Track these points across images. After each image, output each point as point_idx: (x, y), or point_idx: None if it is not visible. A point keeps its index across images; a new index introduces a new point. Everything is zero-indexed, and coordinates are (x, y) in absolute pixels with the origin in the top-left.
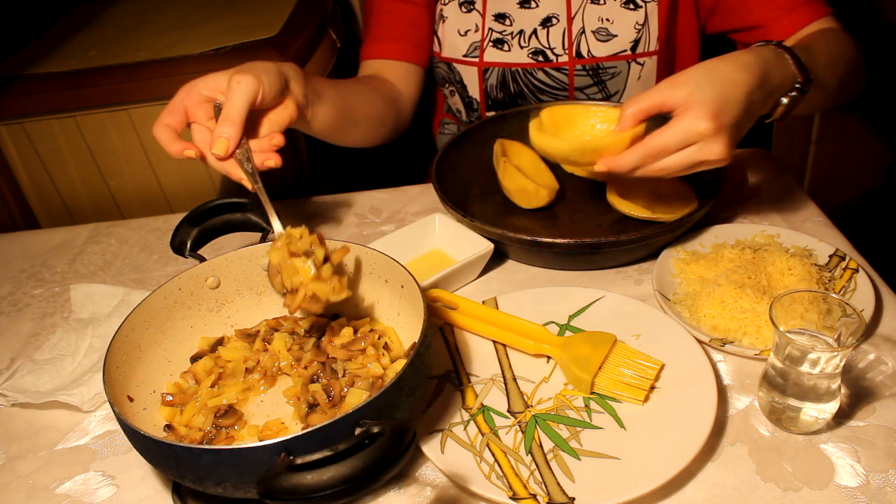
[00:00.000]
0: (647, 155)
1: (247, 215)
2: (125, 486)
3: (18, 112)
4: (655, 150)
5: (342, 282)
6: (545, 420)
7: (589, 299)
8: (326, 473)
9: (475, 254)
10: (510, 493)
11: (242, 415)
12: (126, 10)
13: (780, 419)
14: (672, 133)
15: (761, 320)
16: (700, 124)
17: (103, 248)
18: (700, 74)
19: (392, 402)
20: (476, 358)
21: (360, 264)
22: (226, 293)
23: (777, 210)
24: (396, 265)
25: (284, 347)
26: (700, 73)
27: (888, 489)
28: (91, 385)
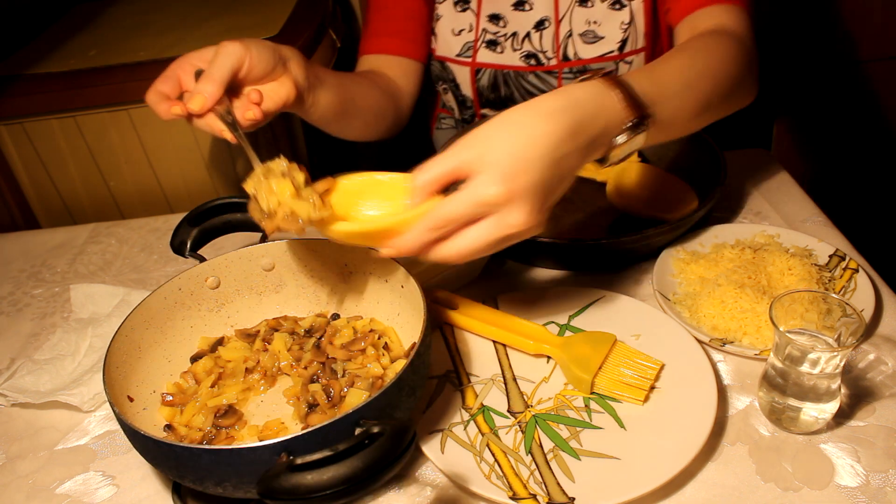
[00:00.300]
0: (434, 229)
1: (247, 215)
2: (125, 486)
3: (18, 112)
4: (442, 222)
5: (325, 200)
6: (545, 420)
7: (589, 299)
8: (326, 473)
9: None
10: (510, 493)
11: (242, 415)
12: (126, 10)
13: (780, 419)
14: (458, 201)
15: (761, 320)
16: (489, 190)
17: (103, 248)
18: (492, 130)
19: (392, 402)
20: (476, 358)
21: (359, 264)
22: (226, 293)
23: (777, 210)
24: (396, 265)
25: (284, 347)
26: (493, 128)
27: (888, 489)
28: (91, 385)
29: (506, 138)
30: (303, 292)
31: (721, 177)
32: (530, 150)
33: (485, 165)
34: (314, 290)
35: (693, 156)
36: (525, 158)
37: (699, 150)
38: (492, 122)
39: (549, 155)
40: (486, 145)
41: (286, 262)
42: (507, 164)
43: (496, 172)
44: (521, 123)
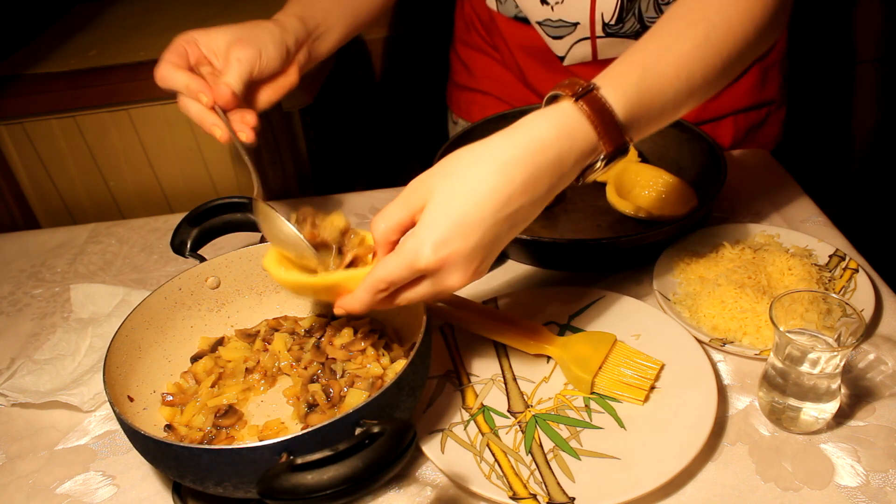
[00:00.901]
0: (377, 291)
1: (247, 215)
2: (125, 486)
3: (18, 112)
4: (383, 285)
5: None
6: (545, 420)
7: (589, 299)
8: (326, 473)
9: None
10: (510, 493)
11: (242, 415)
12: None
13: (780, 419)
14: (395, 263)
15: (761, 320)
16: (422, 256)
17: (103, 248)
18: (437, 182)
19: (392, 402)
20: (476, 358)
21: None
22: (226, 293)
23: (777, 210)
24: None
25: (284, 347)
26: (438, 179)
27: (888, 489)
28: (91, 385)
29: (448, 194)
30: None
31: (721, 177)
32: (472, 212)
33: (420, 224)
34: None
35: (693, 156)
36: (464, 223)
37: (699, 150)
38: (442, 167)
39: (494, 215)
40: (429, 196)
41: None
42: (444, 226)
43: (430, 236)
44: (470, 177)
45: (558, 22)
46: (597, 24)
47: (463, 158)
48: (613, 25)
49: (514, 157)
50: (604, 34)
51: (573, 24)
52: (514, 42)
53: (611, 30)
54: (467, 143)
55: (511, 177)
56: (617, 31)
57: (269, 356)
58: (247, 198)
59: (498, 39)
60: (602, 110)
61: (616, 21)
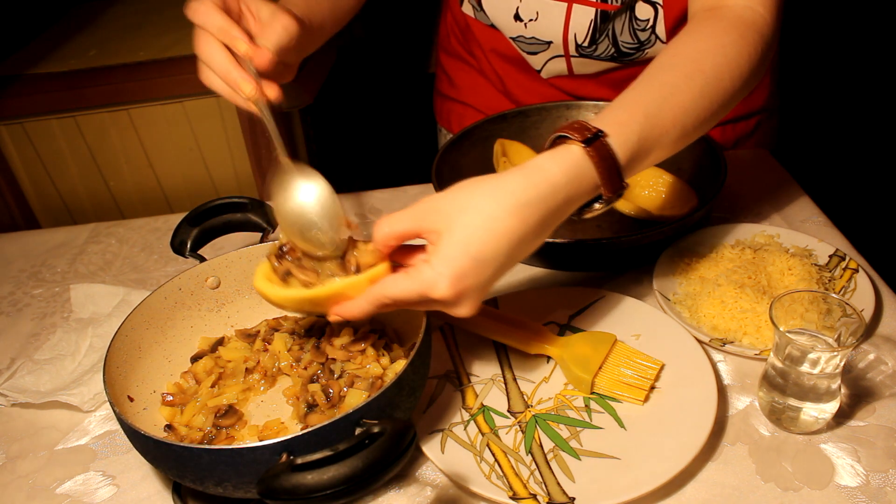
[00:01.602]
0: (381, 306)
1: (247, 215)
2: (125, 486)
3: (18, 112)
4: (390, 302)
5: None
6: (545, 420)
7: (589, 299)
8: (327, 473)
9: None
10: (510, 493)
11: (242, 415)
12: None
13: (780, 419)
14: (407, 288)
15: (761, 320)
16: (438, 288)
17: (103, 248)
18: (457, 215)
19: (392, 402)
20: (476, 358)
21: None
22: (226, 293)
23: (777, 210)
24: None
25: (284, 348)
26: (457, 211)
27: (888, 489)
28: (91, 385)
29: (466, 228)
30: None
31: (721, 177)
32: (490, 250)
33: (438, 255)
34: None
35: (693, 156)
36: (480, 261)
37: (699, 150)
38: (457, 198)
39: (507, 252)
40: (446, 226)
41: None
42: (462, 263)
43: (449, 271)
44: (489, 215)
45: (532, 39)
46: (570, 45)
47: (482, 194)
48: (586, 47)
49: (529, 200)
50: (577, 54)
51: (546, 42)
52: (490, 48)
53: (584, 51)
54: (467, 143)
55: (526, 218)
56: (590, 52)
57: (269, 356)
58: (247, 198)
59: (475, 46)
60: (607, 158)
61: (589, 43)
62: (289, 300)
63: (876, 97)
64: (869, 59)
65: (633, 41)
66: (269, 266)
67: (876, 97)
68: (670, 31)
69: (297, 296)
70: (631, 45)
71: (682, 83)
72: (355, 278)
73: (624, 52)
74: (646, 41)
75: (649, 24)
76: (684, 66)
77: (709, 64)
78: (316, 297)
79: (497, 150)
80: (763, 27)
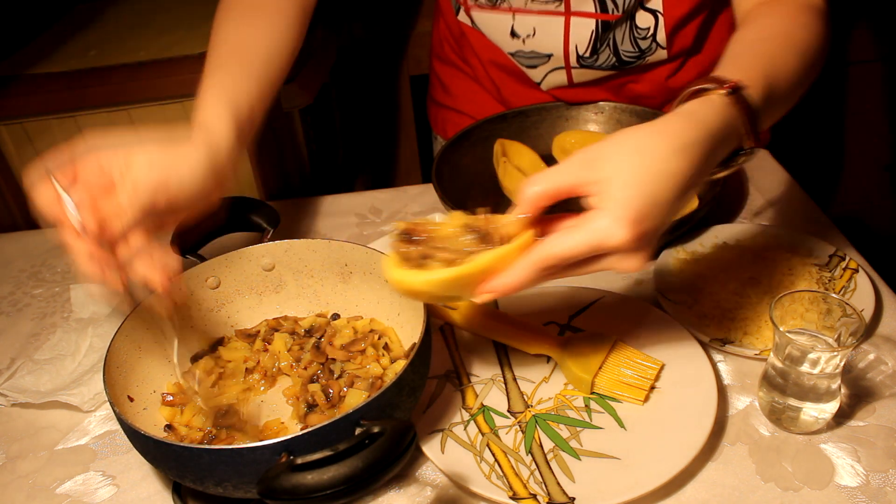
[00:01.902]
0: (546, 268)
1: (247, 215)
2: (125, 486)
3: (18, 112)
4: (556, 261)
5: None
6: (545, 420)
7: (589, 299)
8: (327, 473)
9: None
10: (510, 493)
11: (243, 415)
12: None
13: (780, 419)
14: (579, 241)
15: (761, 320)
16: (616, 235)
17: None
18: (625, 157)
19: (392, 402)
20: (476, 358)
21: (359, 264)
22: (226, 293)
23: (777, 210)
24: None
25: (284, 348)
26: (625, 154)
27: (888, 489)
28: (91, 385)
29: (639, 170)
30: (303, 292)
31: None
32: (664, 190)
33: (612, 200)
34: (314, 290)
35: None
36: (657, 202)
37: None
38: (621, 144)
39: (680, 196)
40: (615, 171)
41: (286, 262)
42: (638, 205)
43: (626, 214)
44: (657, 156)
45: (531, 53)
46: (571, 56)
47: (644, 136)
48: (588, 58)
49: (694, 140)
50: (578, 65)
51: (547, 55)
52: (487, 58)
53: (585, 62)
54: (467, 143)
55: (693, 158)
56: (591, 63)
57: (269, 356)
58: (247, 198)
59: (469, 54)
60: (748, 108)
61: (590, 53)
62: (435, 283)
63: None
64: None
65: (634, 50)
66: (397, 256)
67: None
68: (670, 37)
69: (444, 277)
70: (632, 53)
71: (782, 52)
72: (505, 248)
73: (625, 60)
74: (646, 49)
75: (650, 33)
76: (779, 38)
77: (798, 37)
78: (464, 275)
79: (497, 150)
80: (823, 10)
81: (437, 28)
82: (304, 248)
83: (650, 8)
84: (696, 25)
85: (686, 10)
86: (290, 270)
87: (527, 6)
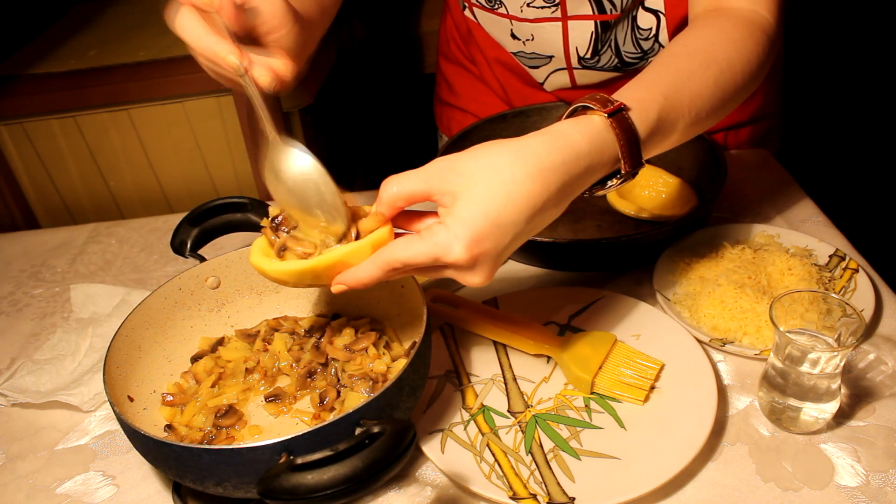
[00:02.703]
0: (391, 270)
1: (247, 215)
2: (125, 486)
3: (18, 112)
4: (400, 266)
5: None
6: (545, 420)
7: (589, 299)
8: (327, 473)
9: None
10: (510, 493)
11: (243, 415)
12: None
13: (780, 419)
14: (420, 251)
15: (761, 320)
16: (453, 252)
17: (103, 248)
18: (477, 174)
19: (392, 402)
20: (476, 358)
21: None
22: (226, 293)
23: (777, 210)
24: None
25: (284, 348)
26: (478, 171)
27: (888, 489)
28: (91, 385)
29: (486, 190)
30: (303, 292)
31: (721, 177)
32: (509, 214)
33: (454, 217)
34: (314, 290)
35: (693, 156)
36: (499, 224)
37: (699, 150)
38: (477, 157)
39: (527, 218)
40: (464, 187)
41: None
42: (479, 226)
43: (465, 234)
44: (510, 178)
45: (532, 54)
46: (572, 58)
47: (501, 155)
48: (589, 59)
49: (553, 164)
50: (580, 66)
51: (548, 56)
52: (492, 56)
53: (586, 63)
54: (467, 143)
55: (548, 183)
56: (593, 64)
57: (269, 356)
58: (247, 198)
59: (476, 52)
60: (629, 132)
61: (591, 55)
62: (287, 273)
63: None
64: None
65: (637, 50)
66: (266, 241)
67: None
68: (673, 37)
69: (296, 268)
70: (634, 54)
71: (697, 70)
72: (357, 244)
73: (627, 61)
74: (649, 50)
75: (652, 33)
76: (698, 55)
77: (721, 55)
78: (315, 268)
79: None
80: (768, 28)
81: (444, 26)
82: None
83: (651, 8)
84: None
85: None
86: None
87: (522, 13)
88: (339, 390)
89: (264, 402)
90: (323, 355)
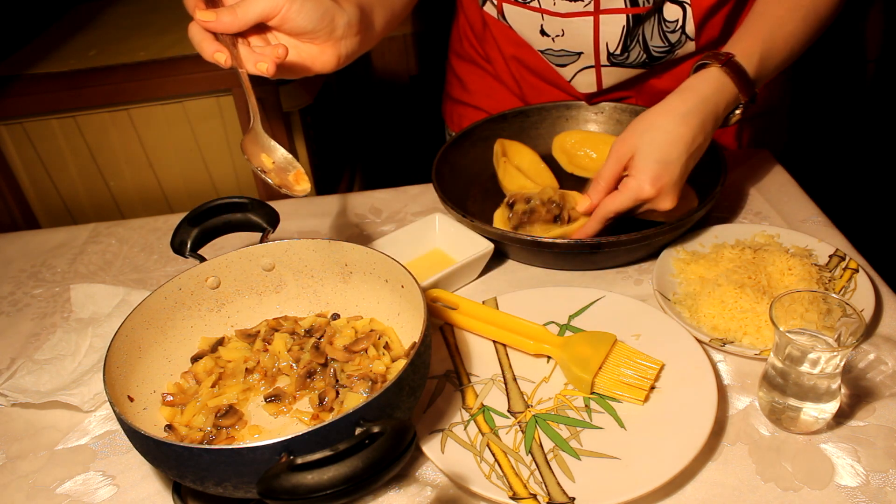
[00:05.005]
0: (606, 219)
1: (247, 215)
2: (125, 486)
3: (18, 112)
4: (612, 214)
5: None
6: (545, 420)
7: (589, 299)
8: (327, 473)
9: (475, 254)
10: (510, 493)
11: (243, 415)
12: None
13: (780, 419)
14: (622, 200)
15: (761, 320)
16: (643, 191)
17: (103, 248)
18: (638, 136)
19: (392, 402)
20: (476, 358)
21: (359, 264)
22: (226, 293)
23: (777, 210)
24: (396, 265)
25: (284, 348)
26: (639, 133)
27: (888, 489)
28: (91, 385)
29: (650, 144)
30: (303, 292)
31: (721, 177)
32: (670, 152)
33: (638, 170)
34: (314, 290)
35: None
36: (668, 161)
37: None
38: (636, 127)
39: (685, 153)
40: (637, 147)
41: (286, 262)
42: (655, 168)
43: (648, 176)
44: (662, 128)
45: (561, 52)
46: (601, 54)
47: (651, 116)
48: (618, 55)
49: (688, 110)
50: (609, 63)
51: (577, 53)
52: (510, 54)
53: (616, 59)
54: (467, 143)
55: (691, 124)
56: (622, 61)
57: (269, 356)
58: (247, 198)
59: (491, 49)
60: (740, 72)
61: (621, 51)
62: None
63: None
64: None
65: (664, 44)
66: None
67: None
68: (699, 28)
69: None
70: (662, 48)
71: (786, 14)
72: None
73: (655, 56)
74: (676, 42)
75: (678, 25)
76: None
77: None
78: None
79: (497, 150)
80: None
81: (456, 25)
82: (304, 248)
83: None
84: (724, 15)
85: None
86: (290, 270)
87: (555, 6)
88: (339, 390)
89: (264, 403)
90: (322, 355)
